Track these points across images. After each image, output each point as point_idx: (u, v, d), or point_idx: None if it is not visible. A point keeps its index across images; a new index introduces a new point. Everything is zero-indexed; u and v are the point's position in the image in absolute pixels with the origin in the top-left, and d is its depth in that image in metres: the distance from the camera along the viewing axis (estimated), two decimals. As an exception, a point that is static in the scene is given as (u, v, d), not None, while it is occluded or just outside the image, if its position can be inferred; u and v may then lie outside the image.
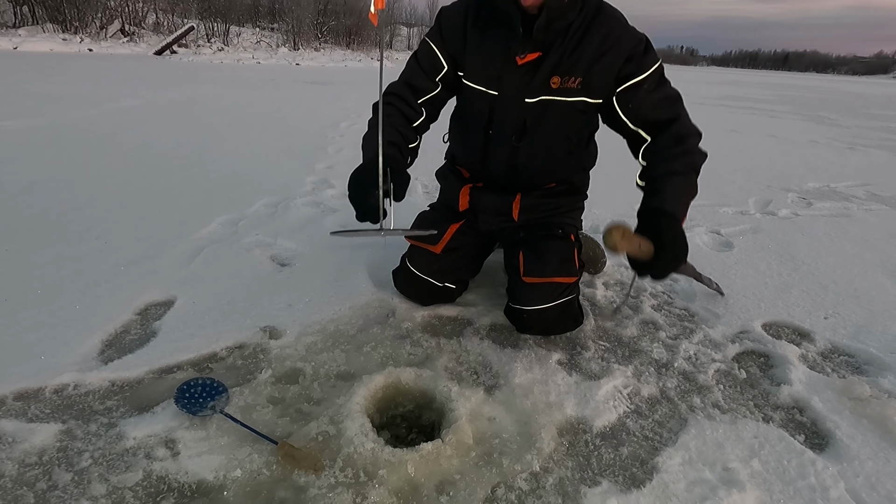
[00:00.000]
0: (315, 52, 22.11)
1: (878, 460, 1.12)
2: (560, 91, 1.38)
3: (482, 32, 1.39)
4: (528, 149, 1.48)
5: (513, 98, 1.41)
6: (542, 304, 1.46)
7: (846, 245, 2.46)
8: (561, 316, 1.51)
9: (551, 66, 1.35)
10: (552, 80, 1.36)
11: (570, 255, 1.51)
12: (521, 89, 1.39)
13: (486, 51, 1.39)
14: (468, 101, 1.50)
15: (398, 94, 1.48)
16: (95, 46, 15.96)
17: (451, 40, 1.43)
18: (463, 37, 1.42)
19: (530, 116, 1.42)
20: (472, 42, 1.41)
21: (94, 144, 3.69)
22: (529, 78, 1.37)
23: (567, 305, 1.49)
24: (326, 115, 5.73)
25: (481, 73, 1.43)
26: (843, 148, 5.47)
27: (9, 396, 1.18)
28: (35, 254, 1.89)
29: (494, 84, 1.41)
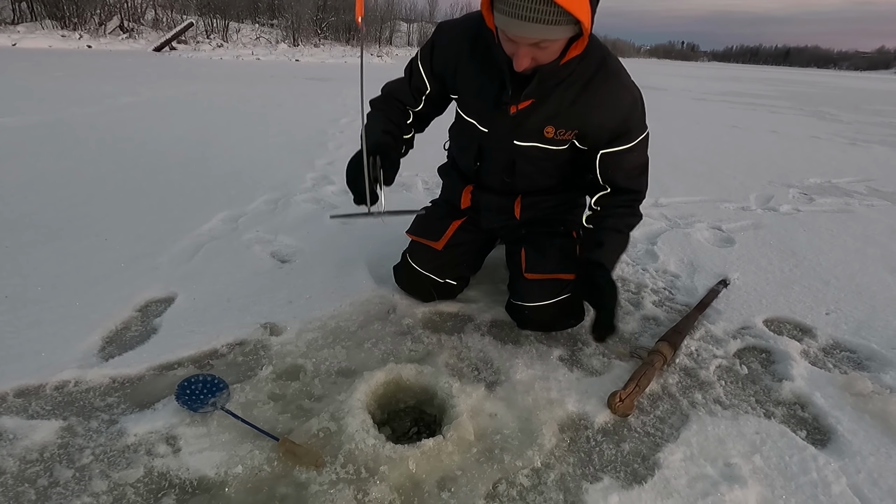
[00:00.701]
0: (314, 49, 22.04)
1: (880, 456, 1.12)
2: (553, 141, 1.36)
3: (476, 69, 1.34)
4: (521, 179, 1.48)
5: (501, 138, 1.39)
6: (544, 301, 1.47)
7: (848, 240, 2.46)
8: (562, 313, 1.51)
9: (546, 116, 1.32)
10: (546, 130, 1.34)
11: (571, 252, 1.51)
12: (510, 132, 1.37)
13: (478, 89, 1.36)
14: (459, 124, 1.49)
15: (394, 95, 1.50)
16: (94, 43, 15.91)
17: (441, 64, 1.40)
18: (455, 65, 1.38)
19: (519, 158, 1.41)
20: (464, 74, 1.37)
21: (94, 141, 3.68)
22: (521, 124, 1.35)
23: (568, 302, 1.49)
24: (326, 112, 5.72)
25: (475, 110, 1.41)
26: (844, 143, 5.46)
27: (10, 393, 1.18)
28: (35, 250, 1.89)
29: (486, 123, 1.40)
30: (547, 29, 1.05)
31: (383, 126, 1.44)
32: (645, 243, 2.30)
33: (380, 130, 1.42)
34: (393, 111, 1.49)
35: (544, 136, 1.35)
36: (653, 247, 2.25)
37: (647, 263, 2.09)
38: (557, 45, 1.14)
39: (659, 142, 4.91)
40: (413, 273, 1.61)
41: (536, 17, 1.03)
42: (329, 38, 24.87)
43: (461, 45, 1.36)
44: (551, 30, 1.06)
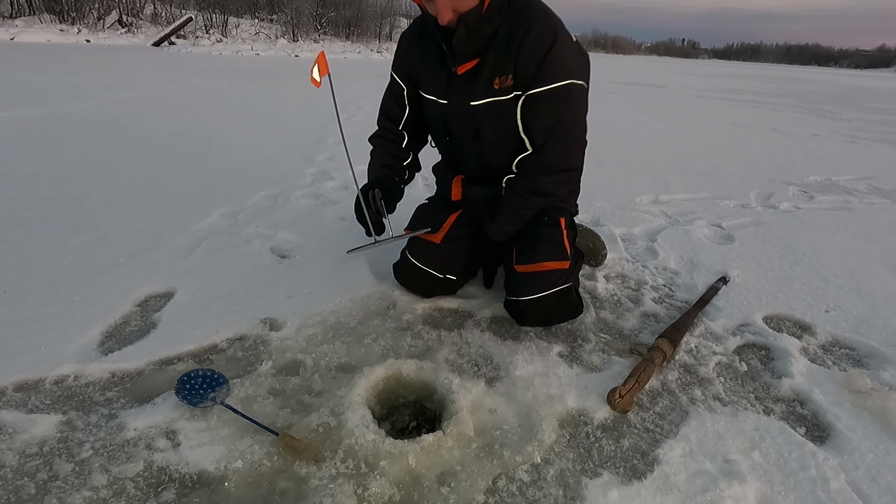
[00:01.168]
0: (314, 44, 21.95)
1: (879, 452, 1.13)
2: (500, 91, 1.41)
3: (426, 49, 1.50)
4: (488, 148, 1.52)
5: (460, 104, 1.47)
6: (538, 294, 1.46)
7: (847, 238, 2.46)
8: (558, 305, 1.50)
9: (490, 70, 1.40)
10: (494, 82, 1.41)
11: (559, 240, 1.52)
12: (466, 95, 1.45)
13: (431, 65, 1.49)
14: (427, 111, 1.59)
15: (383, 126, 1.67)
16: (93, 37, 15.83)
17: (404, 62, 1.58)
18: (410, 55, 1.55)
19: (480, 119, 1.47)
20: (418, 59, 1.52)
21: (93, 136, 3.67)
22: (472, 84, 1.43)
23: (564, 294, 1.49)
24: (326, 107, 5.69)
25: (432, 85, 1.52)
26: (844, 141, 5.46)
27: (9, 387, 1.18)
28: (34, 245, 1.88)
29: (444, 94, 1.50)
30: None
31: (381, 161, 1.62)
32: (645, 240, 2.30)
33: (378, 166, 1.61)
34: (388, 143, 1.65)
35: (493, 90, 1.42)
36: (653, 244, 2.25)
37: (647, 260, 2.09)
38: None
39: (659, 139, 4.91)
40: (413, 269, 1.61)
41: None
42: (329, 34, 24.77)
43: (412, 41, 1.55)
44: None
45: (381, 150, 1.64)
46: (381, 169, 1.59)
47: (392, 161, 1.62)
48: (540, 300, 1.46)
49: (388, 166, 1.60)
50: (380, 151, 1.64)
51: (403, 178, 1.65)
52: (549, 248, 1.50)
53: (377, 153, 1.65)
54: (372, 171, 1.62)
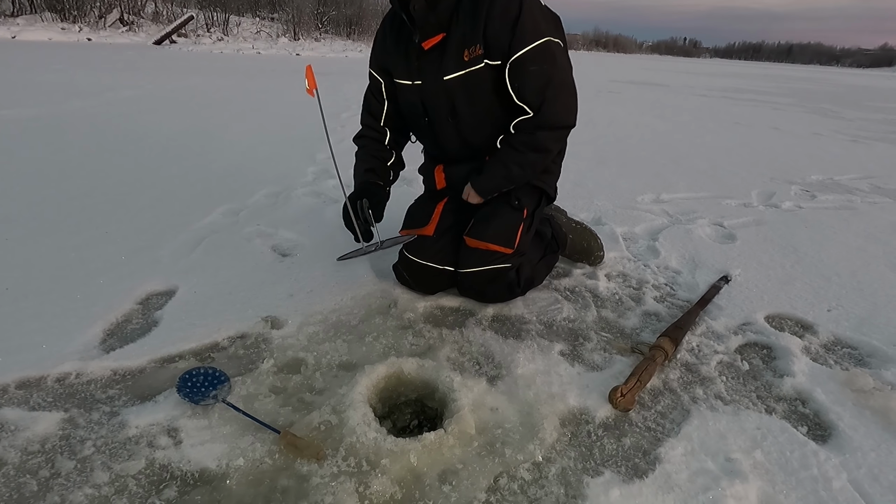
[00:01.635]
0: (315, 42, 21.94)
1: (881, 452, 1.12)
2: (470, 62, 1.45)
3: (395, 35, 1.54)
4: (467, 123, 1.55)
5: (433, 81, 1.50)
6: (473, 268, 1.54)
7: (849, 237, 2.45)
8: (491, 281, 1.56)
9: (456, 42, 1.44)
10: (463, 55, 1.45)
11: (513, 227, 1.57)
12: (437, 71, 1.48)
13: (401, 49, 1.53)
14: (402, 97, 1.61)
15: (365, 123, 1.70)
16: (94, 36, 15.83)
17: (378, 54, 1.62)
18: (384, 45, 1.59)
19: (454, 94, 1.50)
20: (389, 47, 1.57)
21: (94, 134, 3.67)
22: (441, 59, 1.47)
23: (500, 272, 1.55)
24: (327, 105, 5.67)
25: (404, 70, 1.55)
26: (846, 141, 5.44)
27: (11, 385, 1.18)
28: (36, 243, 1.88)
29: (416, 75, 1.52)
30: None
31: (365, 165, 1.64)
32: (647, 239, 2.30)
33: (362, 171, 1.64)
34: (371, 142, 1.68)
35: (464, 62, 1.45)
36: (654, 243, 2.25)
37: (649, 259, 2.08)
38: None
39: (661, 138, 4.90)
40: (412, 265, 1.62)
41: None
42: (330, 33, 24.75)
43: (383, 31, 1.59)
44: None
45: (364, 153, 1.67)
46: (366, 174, 1.63)
47: (376, 164, 1.65)
48: (473, 274, 1.55)
49: (372, 170, 1.64)
50: (364, 153, 1.67)
51: (388, 180, 1.68)
52: (500, 231, 1.55)
53: (361, 155, 1.68)
54: (357, 175, 1.65)
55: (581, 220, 2.06)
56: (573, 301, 1.73)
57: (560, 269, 1.94)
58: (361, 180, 1.63)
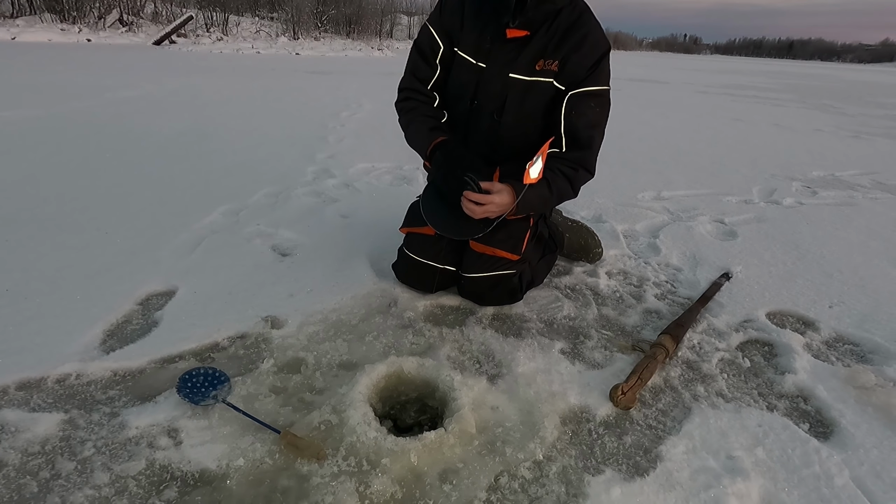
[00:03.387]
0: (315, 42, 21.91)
1: (884, 448, 1.12)
2: (541, 73, 1.46)
3: (477, 8, 1.48)
4: (508, 125, 1.54)
5: (499, 72, 1.48)
6: (478, 273, 1.54)
7: (851, 234, 2.44)
8: (496, 288, 1.57)
9: (537, 49, 1.45)
10: (537, 64, 1.45)
11: (520, 235, 1.58)
12: (507, 64, 1.47)
13: (479, 26, 1.48)
14: (457, 72, 1.56)
15: (411, 87, 1.60)
16: (94, 37, 15.82)
17: (450, 18, 1.53)
18: (461, 12, 1.51)
19: (512, 92, 1.49)
20: (468, 16, 1.50)
21: (94, 135, 3.67)
22: (516, 55, 1.46)
23: (503, 278, 1.55)
24: (327, 105, 5.69)
25: (473, 46, 1.51)
26: (847, 136, 5.42)
27: (11, 386, 1.18)
28: (36, 244, 1.88)
29: (483, 57, 1.50)
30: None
31: (428, 124, 1.54)
32: (647, 236, 2.29)
33: (427, 130, 1.53)
34: (422, 105, 1.58)
35: (535, 70, 1.46)
36: (655, 240, 2.24)
37: (650, 257, 2.08)
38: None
39: (661, 135, 4.88)
40: (412, 263, 1.61)
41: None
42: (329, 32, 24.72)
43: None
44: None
45: (418, 114, 1.56)
46: (433, 133, 1.51)
47: (436, 123, 1.54)
48: (478, 279, 1.55)
49: (439, 129, 1.53)
50: (418, 116, 1.55)
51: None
52: (508, 238, 1.55)
53: (416, 117, 1.55)
54: (422, 137, 1.53)
55: (580, 217, 2.06)
56: (574, 299, 1.73)
57: (560, 268, 1.93)
58: (439, 144, 1.49)
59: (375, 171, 3.13)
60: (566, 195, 1.50)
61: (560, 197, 1.49)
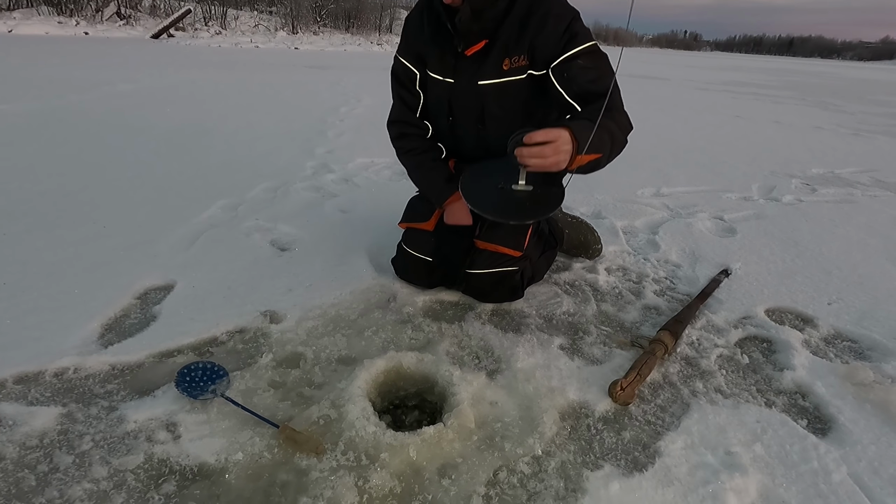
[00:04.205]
0: (314, 36, 21.82)
1: (881, 445, 1.12)
2: (511, 72, 1.43)
3: (432, 32, 1.48)
4: (493, 130, 1.52)
5: (467, 83, 1.47)
6: (482, 269, 1.54)
7: (850, 231, 2.44)
8: (499, 284, 1.57)
9: (499, 50, 1.41)
10: (503, 64, 1.42)
11: (523, 231, 1.58)
12: (474, 74, 1.45)
13: (439, 45, 1.47)
14: (431, 91, 1.56)
15: (403, 119, 1.61)
16: (91, 30, 15.74)
17: (415, 44, 1.54)
18: (422, 34, 1.51)
19: (487, 100, 1.48)
20: (428, 39, 1.49)
21: (91, 128, 3.65)
22: (480, 64, 1.44)
23: (506, 275, 1.55)
24: (326, 100, 5.67)
25: (439, 65, 1.50)
26: (847, 134, 5.42)
27: (9, 380, 1.18)
28: (33, 238, 1.87)
29: (450, 73, 1.49)
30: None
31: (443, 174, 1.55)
32: (647, 233, 2.29)
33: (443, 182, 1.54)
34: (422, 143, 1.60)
35: (503, 70, 1.43)
36: (654, 236, 2.24)
37: (649, 253, 2.08)
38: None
39: (661, 132, 4.88)
40: (411, 259, 1.61)
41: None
42: (328, 26, 24.62)
43: (420, 23, 1.51)
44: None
45: (427, 159, 1.58)
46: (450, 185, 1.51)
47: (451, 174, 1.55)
48: (481, 275, 1.55)
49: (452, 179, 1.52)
50: (427, 160, 1.58)
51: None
52: (511, 235, 1.55)
53: (426, 161, 1.58)
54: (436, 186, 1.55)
55: (580, 214, 2.06)
56: (573, 295, 1.73)
57: (560, 264, 1.93)
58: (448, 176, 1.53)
59: (375, 165, 3.12)
60: (618, 140, 1.32)
61: (613, 140, 1.30)
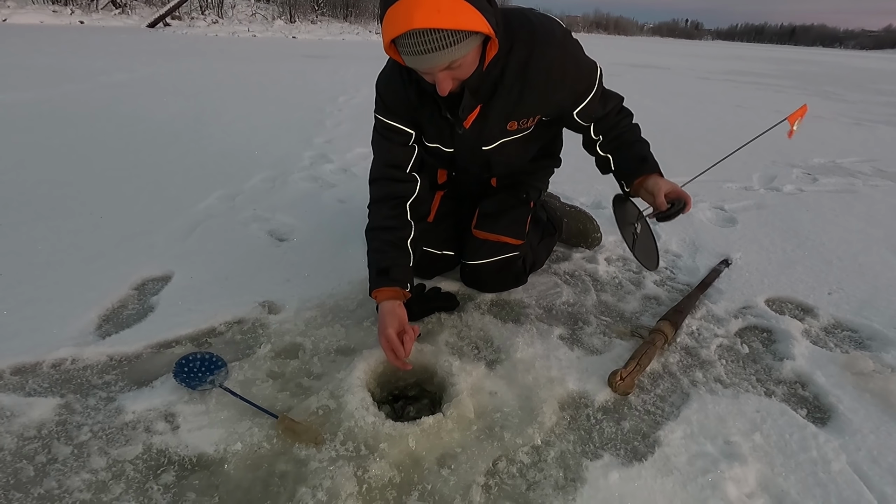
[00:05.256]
0: (311, 25, 21.58)
1: (881, 434, 1.12)
2: (518, 130, 1.38)
3: (418, 102, 1.30)
4: (499, 171, 1.54)
5: (470, 151, 1.41)
6: (484, 259, 1.53)
7: (851, 221, 2.43)
8: (502, 272, 1.56)
9: (500, 114, 1.30)
10: (509, 125, 1.34)
11: (522, 220, 1.57)
12: (475, 142, 1.38)
13: (429, 115, 1.33)
14: (428, 150, 1.44)
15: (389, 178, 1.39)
16: (86, 18, 15.55)
17: (402, 109, 1.34)
18: (407, 101, 1.32)
19: (492, 156, 1.43)
20: (415, 103, 1.32)
21: (87, 118, 3.62)
22: (480, 131, 1.34)
23: (508, 262, 1.55)
24: (324, 89, 5.62)
25: (435, 135, 1.38)
26: (849, 123, 5.39)
27: (6, 370, 1.17)
28: (29, 228, 1.86)
29: (448, 143, 1.39)
30: (450, 52, 1.04)
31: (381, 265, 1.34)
32: (647, 223, 2.28)
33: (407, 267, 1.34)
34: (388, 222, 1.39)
35: (508, 131, 1.36)
36: (654, 226, 2.22)
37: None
38: (470, 58, 1.11)
39: (662, 121, 4.85)
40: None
41: (434, 47, 1.02)
42: (326, 15, 24.36)
43: (402, 83, 1.30)
44: (454, 51, 1.05)
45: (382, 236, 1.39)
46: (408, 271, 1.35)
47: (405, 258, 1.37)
48: (485, 265, 1.54)
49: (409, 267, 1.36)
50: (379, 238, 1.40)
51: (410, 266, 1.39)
52: (511, 224, 1.55)
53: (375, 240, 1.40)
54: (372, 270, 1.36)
55: (580, 203, 2.05)
56: (572, 285, 1.72)
57: (559, 254, 1.92)
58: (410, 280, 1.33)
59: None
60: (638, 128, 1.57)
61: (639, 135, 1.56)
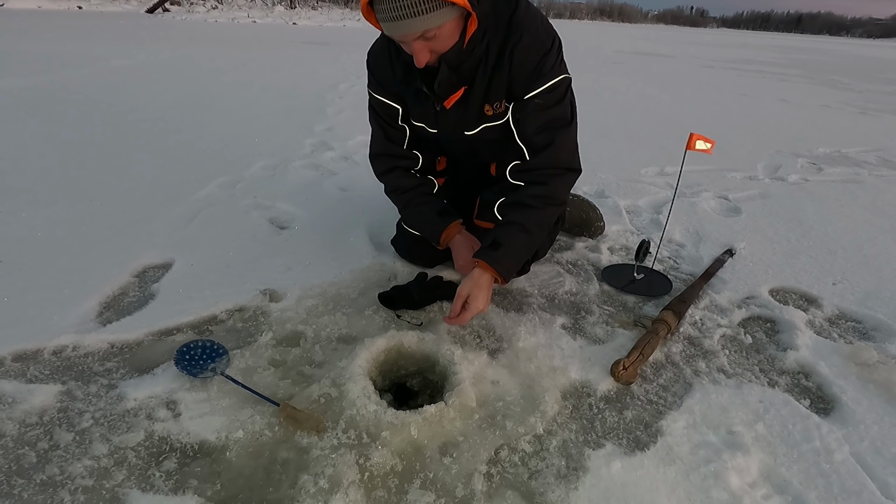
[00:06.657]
0: (312, 11, 21.38)
1: (884, 425, 1.12)
2: (494, 117, 1.37)
3: (402, 76, 1.34)
4: (486, 158, 1.53)
5: (452, 133, 1.42)
6: None
7: (856, 211, 2.41)
8: None
9: (480, 97, 1.32)
10: (485, 109, 1.34)
11: None
12: (457, 125, 1.39)
13: (414, 92, 1.35)
14: (417, 132, 1.47)
15: (388, 153, 1.48)
16: (85, 3, 15.42)
17: (389, 83, 1.39)
18: (393, 77, 1.37)
19: (475, 143, 1.43)
20: (400, 80, 1.36)
21: (86, 105, 3.59)
22: (462, 113, 1.35)
23: None
24: (325, 76, 5.57)
25: (419, 112, 1.41)
26: (855, 113, 5.33)
27: (7, 357, 1.17)
28: (29, 216, 1.85)
29: (432, 123, 1.41)
30: (423, 20, 1.04)
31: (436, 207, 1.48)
32: (650, 212, 2.26)
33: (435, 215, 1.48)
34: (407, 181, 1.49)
35: (486, 116, 1.36)
36: (658, 216, 2.21)
37: (652, 232, 2.05)
38: (447, 31, 1.11)
39: (666, 110, 4.80)
40: (412, 238, 1.59)
41: (408, 13, 1.02)
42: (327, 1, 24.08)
43: (390, 61, 1.35)
44: (427, 19, 1.05)
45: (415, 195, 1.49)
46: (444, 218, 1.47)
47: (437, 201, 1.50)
48: None
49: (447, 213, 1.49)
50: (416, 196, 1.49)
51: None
52: None
53: (415, 199, 1.49)
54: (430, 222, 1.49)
55: (582, 193, 2.03)
56: (575, 274, 1.71)
57: (562, 243, 1.91)
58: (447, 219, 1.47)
59: (375, 143, 3.07)
60: (552, 218, 1.40)
61: (546, 224, 1.39)
